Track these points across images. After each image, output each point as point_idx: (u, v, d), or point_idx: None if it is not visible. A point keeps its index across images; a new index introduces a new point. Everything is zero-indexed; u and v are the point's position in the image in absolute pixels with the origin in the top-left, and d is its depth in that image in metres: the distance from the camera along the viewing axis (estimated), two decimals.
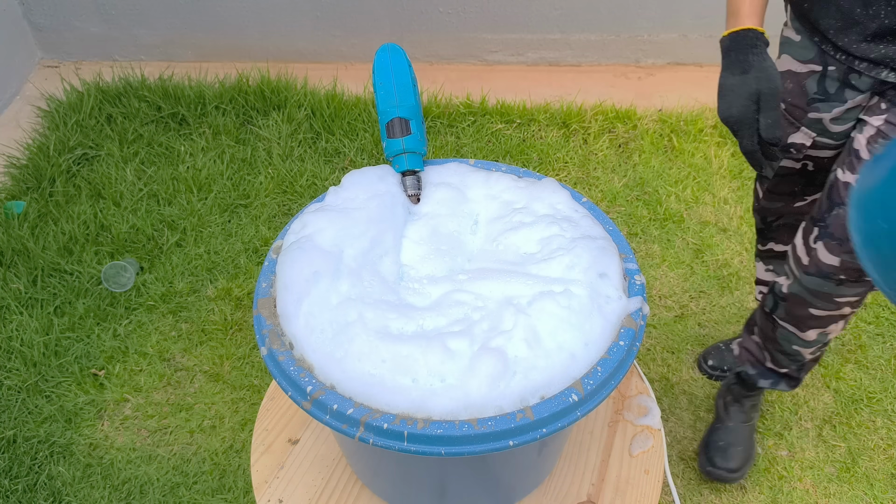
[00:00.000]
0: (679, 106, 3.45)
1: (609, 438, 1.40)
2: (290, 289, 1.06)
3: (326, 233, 1.14)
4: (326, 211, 1.19)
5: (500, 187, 1.26)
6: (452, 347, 0.98)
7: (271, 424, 1.44)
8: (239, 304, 2.67)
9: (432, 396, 0.95)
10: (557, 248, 1.12)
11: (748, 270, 2.75)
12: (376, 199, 1.21)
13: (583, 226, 1.17)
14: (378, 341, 0.99)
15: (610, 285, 1.06)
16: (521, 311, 1.02)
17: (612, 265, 1.09)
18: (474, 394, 0.94)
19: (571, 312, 1.01)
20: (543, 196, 1.23)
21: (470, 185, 1.27)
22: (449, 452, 0.92)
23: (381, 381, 0.96)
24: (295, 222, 1.19)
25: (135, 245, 2.86)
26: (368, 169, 1.29)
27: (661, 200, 3.02)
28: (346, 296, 1.06)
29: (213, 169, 3.15)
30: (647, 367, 2.47)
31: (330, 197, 1.24)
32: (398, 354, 0.98)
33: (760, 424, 2.31)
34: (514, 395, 0.95)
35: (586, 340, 1.00)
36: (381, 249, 1.14)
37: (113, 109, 3.41)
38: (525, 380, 0.95)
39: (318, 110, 3.37)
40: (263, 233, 2.90)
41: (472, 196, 1.26)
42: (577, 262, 1.08)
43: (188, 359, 2.52)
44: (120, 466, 2.25)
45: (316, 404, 0.97)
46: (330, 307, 1.04)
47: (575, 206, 1.22)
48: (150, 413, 2.38)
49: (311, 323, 1.03)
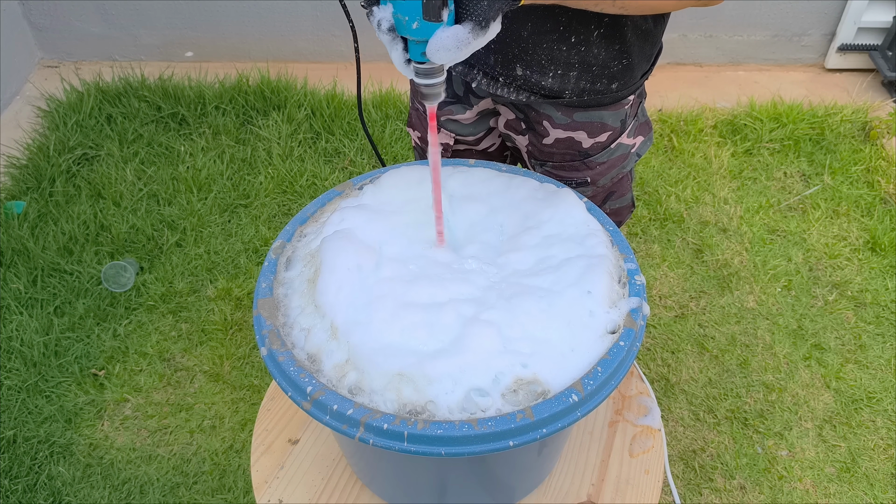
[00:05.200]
0: (679, 106, 3.45)
1: (609, 438, 1.40)
2: (334, 274, 1.09)
3: (367, 230, 1.17)
4: (365, 210, 1.22)
5: (522, 195, 1.27)
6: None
7: (271, 424, 1.44)
8: (239, 305, 2.67)
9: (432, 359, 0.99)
10: (547, 267, 1.13)
11: (748, 270, 2.75)
12: (412, 205, 1.23)
13: (587, 245, 1.16)
14: (399, 310, 1.04)
15: (593, 301, 1.06)
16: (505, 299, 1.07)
17: (600, 282, 1.09)
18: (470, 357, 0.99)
19: (551, 316, 1.03)
20: (559, 210, 1.23)
21: (493, 193, 1.28)
22: (449, 453, 0.92)
23: (392, 343, 1.01)
24: (334, 215, 1.21)
25: (135, 245, 2.86)
26: (406, 168, 1.29)
27: (661, 200, 3.02)
28: (385, 277, 1.10)
29: (212, 169, 3.15)
30: (647, 367, 2.47)
31: (368, 197, 1.26)
32: (412, 320, 1.03)
33: (760, 425, 2.31)
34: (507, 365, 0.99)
35: (572, 346, 1.01)
36: (417, 249, 1.18)
37: (113, 109, 3.41)
38: (517, 353, 1.00)
39: (318, 110, 3.37)
40: (263, 233, 2.90)
41: (496, 205, 1.27)
42: (562, 279, 1.09)
43: (188, 359, 2.52)
44: (120, 466, 2.25)
45: (316, 405, 0.97)
46: (367, 288, 1.08)
47: (587, 220, 1.21)
48: (150, 413, 2.38)
49: (347, 299, 1.06)
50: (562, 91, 1.40)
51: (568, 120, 1.46)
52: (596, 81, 1.39)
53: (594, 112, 1.45)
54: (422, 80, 1.03)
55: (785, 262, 2.80)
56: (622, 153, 1.52)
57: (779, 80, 3.71)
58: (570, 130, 1.47)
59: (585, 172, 1.51)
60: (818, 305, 2.65)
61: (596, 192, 1.55)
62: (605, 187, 1.55)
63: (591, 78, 1.38)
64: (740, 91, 3.62)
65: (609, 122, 1.46)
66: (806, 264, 2.79)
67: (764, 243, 2.87)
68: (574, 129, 1.47)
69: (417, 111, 1.67)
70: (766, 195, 3.07)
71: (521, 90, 1.43)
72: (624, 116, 1.48)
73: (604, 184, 1.54)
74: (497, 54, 1.38)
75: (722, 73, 3.76)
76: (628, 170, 1.56)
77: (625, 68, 1.39)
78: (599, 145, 1.49)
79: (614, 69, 1.38)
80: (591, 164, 1.50)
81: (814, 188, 3.09)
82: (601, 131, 1.47)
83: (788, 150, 3.25)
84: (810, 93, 3.58)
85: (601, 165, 1.51)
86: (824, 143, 3.27)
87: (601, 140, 1.48)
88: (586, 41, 1.33)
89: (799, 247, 2.85)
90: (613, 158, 1.51)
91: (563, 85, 1.39)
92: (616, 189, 1.57)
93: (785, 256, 2.82)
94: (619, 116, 1.47)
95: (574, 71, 1.37)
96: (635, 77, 1.43)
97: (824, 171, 3.15)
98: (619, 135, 1.49)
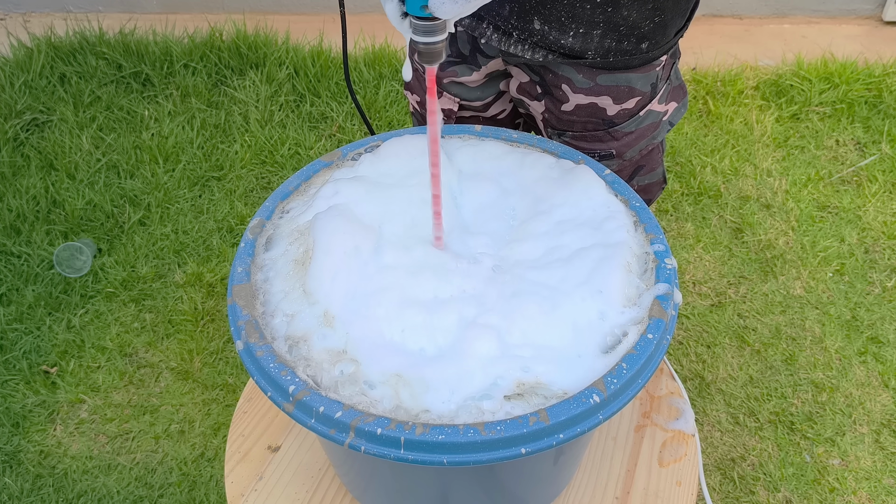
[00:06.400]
0: (715, 64, 3.44)
1: (635, 445, 1.40)
2: (329, 257, 1.09)
3: (364, 206, 1.17)
4: (362, 182, 1.21)
5: (535, 176, 1.27)
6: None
7: (248, 429, 1.44)
8: (211, 292, 2.67)
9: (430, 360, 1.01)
10: (556, 259, 1.13)
11: (795, 252, 2.75)
12: (416, 178, 1.23)
13: (605, 230, 1.16)
14: (402, 307, 1.05)
15: (604, 302, 1.06)
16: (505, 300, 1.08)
17: (613, 278, 1.08)
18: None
19: (554, 320, 1.03)
20: (574, 190, 1.22)
21: (505, 173, 1.28)
22: (452, 462, 0.92)
23: (392, 341, 1.02)
24: (326, 187, 1.21)
25: (92, 224, 2.86)
26: (409, 137, 1.29)
27: (695, 172, 3.01)
28: (386, 265, 1.11)
29: (181, 136, 3.14)
30: (679, 364, 2.47)
31: (365, 166, 1.26)
32: (414, 321, 1.04)
33: (809, 430, 2.32)
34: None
35: (578, 352, 1.01)
36: (421, 231, 1.18)
37: (67, 68, 3.40)
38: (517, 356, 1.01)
39: (301, 69, 3.36)
40: (239, 209, 2.90)
41: (507, 186, 1.26)
42: (570, 275, 1.09)
43: (153, 354, 2.52)
44: (75, 477, 2.26)
45: (299, 406, 0.96)
46: (367, 276, 1.09)
47: (608, 201, 1.21)
48: (110, 416, 2.39)
49: (344, 287, 1.07)
50: (584, 51, 1.39)
51: (590, 83, 1.44)
52: (623, 40, 1.38)
53: (620, 75, 1.44)
54: (421, 37, 0.99)
55: (837, 242, 2.79)
56: (652, 122, 1.51)
57: (830, 33, 3.69)
58: (593, 95, 1.46)
59: (610, 144, 1.51)
60: (875, 293, 2.65)
61: (622, 166, 1.54)
62: (633, 161, 1.54)
63: (617, 37, 1.37)
64: (786, 47, 3.60)
65: (637, 87, 1.45)
66: (861, 245, 2.79)
67: (813, 221, 2.87)
68: (597, 94, 1.46)
69: (416, 72, 1.66)
70: (816, 166, 3.06)
71: (536, 48, 1.42)
72: (655, 79, 1.47)
73: (631, 157, 1.53)
74: (513, 2, 1.37)
75: (765, 26, 3.75)
76: (659, 140, 1.55)
77: (657, 26, 1.38)
78: (626, 112, 1.48)
79: (645, 28, 1.37)
80: (617, 135, 1.49)
81: (870, 158, 3.09)
82: (628, 97, 1.46)
83: (841, 115, 3.24)
84: (866, 49, 3.57)
85: (628, 136, 1.50)
86: (882, 107, 3.26)
87: (628, 107, 1.47)
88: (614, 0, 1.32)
89: (853, 225, 2.85)
90: (642, 128, 1.50)
91: (585, 45, 1.38)
92: (645, 163, 1.57)
93: (837, 236, 2.81)
94: (650, 80, 1.46)
95: (598, 30, 1.36)
96: (668, 35, 1.42)
97: (882, 138, 3.15)
98: (649, 101, 1.48)
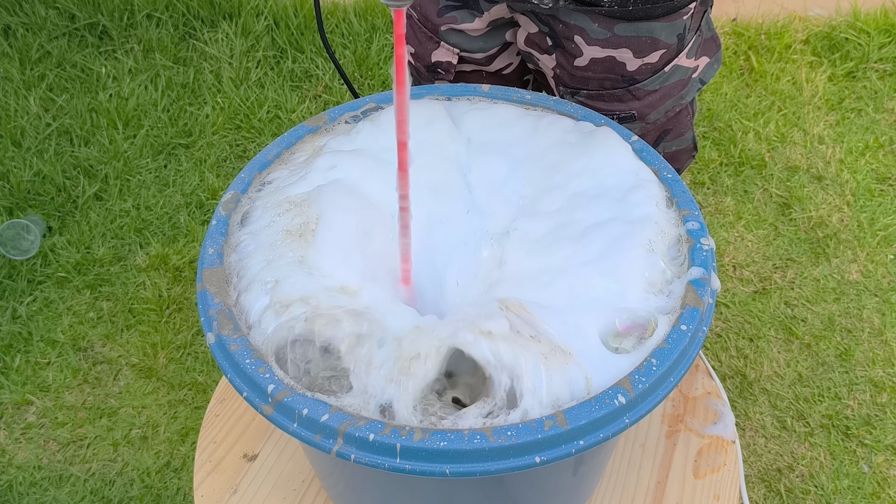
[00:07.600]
0: (759, 14, 3.43)
1: (667, 453, 1.40)
2: (339, 238, 1.10)
3: (367, 185, 1.18)
4: (363, 157, 1.21)
5: (549, 142, 1.26)
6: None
7: (221, 435, 1.44)
8: (178, 276, 2.67)
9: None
10: (563, 237, 1.12)
11: (851, 231, 2.74)
12: (424, 156, 1.22)
13: (629, 202, 1.15)
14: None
15: (622, 290, 1.05)
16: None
17: (631, 260, 1.07)
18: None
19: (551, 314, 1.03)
20: (596, 156, 1.21)
21: (516, 141, 1.27)
22: (456, 472, 0.92)
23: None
24: (322, 158, 1.21)
25: (40, 198, 2.86)
26: (413, 102, 1.28)
27: (735, 139, 3.01)
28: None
29: (143, 98, 3.14)
30: (717, 360, 2.47)
31: (365, 138, 1.26)
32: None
33: (867, 435, 2.32)
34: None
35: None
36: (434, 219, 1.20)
37: (11, 18, 3.40)
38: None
39: (282, 20, 3.36)
40: (210, 181, 2.90)
41: (518, 156, 1.26)
42: (578, 253, 1.09)
43: (111, 348, 2.53)
44: (21, 490, 2.26)
45: (280, 408, 0.96)
46: (377, 255, 1.11)
47: (636, 168, 1.20)
48: (61, 420, 2.39)
49: (360, 272, 1.09)
50: None
51: (607, 34, 1.43)
52: None
53: (642, 24, 1.42)
54: None
55: None
56: (680, 79, 1.49)
57: None
58: (611, 48, 1.45)
59: (631, 104, 1.49)
60: None
61: (645, 129, 1.53)
62: (658, 124, 1.53)
63: None
64: None
65: (662, 38, 1.44)
66: None
67: (872, 196, 2.86)
68: (615, 47, 1.44)
69: (410, 19, 1.65)
70: (875, 132, 3.06)
71: None
72: (682, 30, 1.45)
73: (655, 119, 1.52)
74: None
75: None
76: (688, 101, 1.54)
77: None
78: (649, 68, 1.46)
79: None
80: (639, 93, 1.48)
81: None
82: (651, 49, 1.45)
83: None
84: None
85: (651, 95, 1.49)
86: None
87: (651, 61, 1.46)
88: None
89: None
90: (668, 86, 1.49)
91: None
92: (672, 126, 1.56)
93: None
94: (676, 30, 1.44)
95: None
96: None
97: None
98: (676, 54, 1.47)
